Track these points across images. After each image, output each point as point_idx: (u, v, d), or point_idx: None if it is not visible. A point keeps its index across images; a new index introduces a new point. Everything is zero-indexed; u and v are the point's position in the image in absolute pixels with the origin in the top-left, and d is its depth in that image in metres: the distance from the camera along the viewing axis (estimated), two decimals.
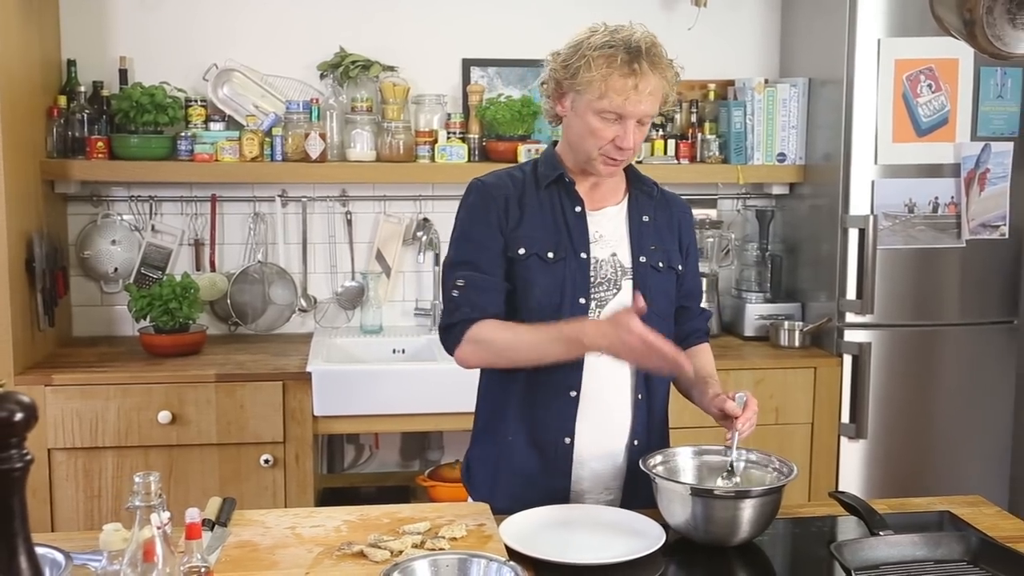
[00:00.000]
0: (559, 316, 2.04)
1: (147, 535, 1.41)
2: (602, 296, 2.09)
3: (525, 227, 2.08)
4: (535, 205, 2.10)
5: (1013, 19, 1.89)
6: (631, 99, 1.96)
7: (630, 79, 1.95)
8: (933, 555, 1.78)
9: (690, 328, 2.26)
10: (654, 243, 2.14)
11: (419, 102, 3.74)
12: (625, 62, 1.95)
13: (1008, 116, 3.51)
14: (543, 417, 2.08)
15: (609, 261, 2.10)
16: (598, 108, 1.99)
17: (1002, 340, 3.61)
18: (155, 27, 3.65)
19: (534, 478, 2.09)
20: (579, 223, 2.10)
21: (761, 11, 3.96)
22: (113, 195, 3.67)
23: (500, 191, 2.11)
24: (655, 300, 2.10)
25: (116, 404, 3.13)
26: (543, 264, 2.07)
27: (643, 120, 2.01)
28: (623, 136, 2.00)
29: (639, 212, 2.16)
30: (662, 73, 1.99)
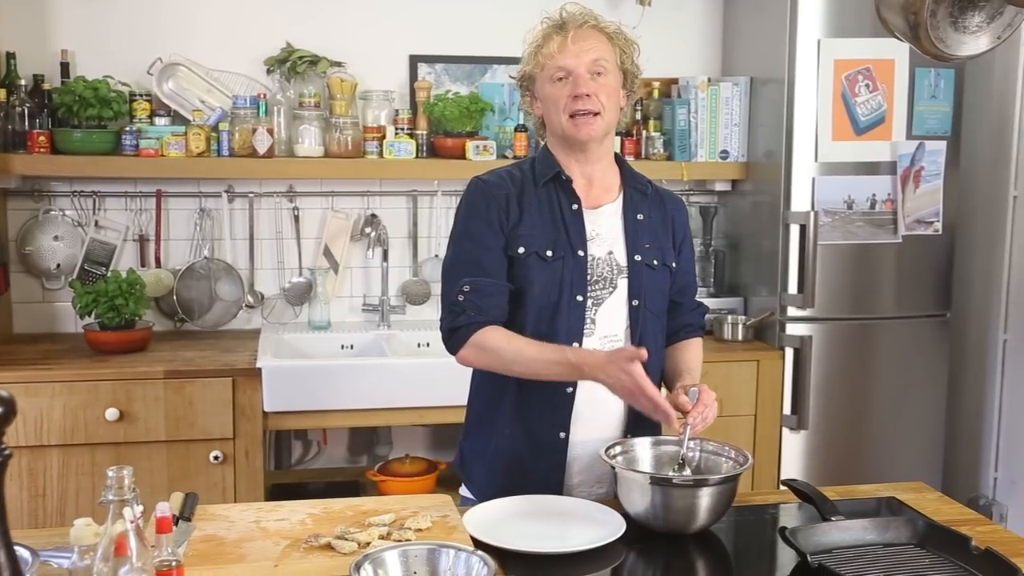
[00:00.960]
0: (557, 313, 2.09)
1: (119, 529, 1.42)
2: (598, 294, 2.13)
3: (524, 226, 2.11)
4: (534, 203, 2.13)
5: (955, 22, 1.95)
6: (568, 51, 2.05)
7: (558, 36, 2.08)
8: (882, 539, 1.85)
9: (682, 323, 2.30)
10: (648, 241, 2.18)
11: (367, 98, 3.74)
12: (553, 26, 2.10)
13: (941, 116, 3.62)
14: (539, 412, 2.12)
15: (605, 259, 2.14)
16: (548, 76, 2.09)
17: (935, 333, 3.72)
18: (97, 20, 3.61)
19: (528, 471, 2.12)
20: (576, 221, 2.13)
21: (704, 11, 4.03)
22: (55, 190, 3.61)
23: (501, 190, 2.13)
24: (649, 298, 2.16)
25: (62, 402, 3.10)
26: (542, 262, 2.10)
27: (596, 69, 2.07)
28: (576, 85, 2.05)
29: (634, 210, 2.19)
30: (596, 31, 2.09)
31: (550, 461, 2.13)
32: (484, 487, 2.14)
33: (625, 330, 2.15)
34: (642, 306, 2.15)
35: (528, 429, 2.13)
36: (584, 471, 2.14)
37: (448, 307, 2.11)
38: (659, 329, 2.22)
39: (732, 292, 3.92)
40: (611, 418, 2.15)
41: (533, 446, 2.13)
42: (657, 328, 2.20)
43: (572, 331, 2.10)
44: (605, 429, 2.14)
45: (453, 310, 2.09)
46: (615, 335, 2.15)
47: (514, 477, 2.10)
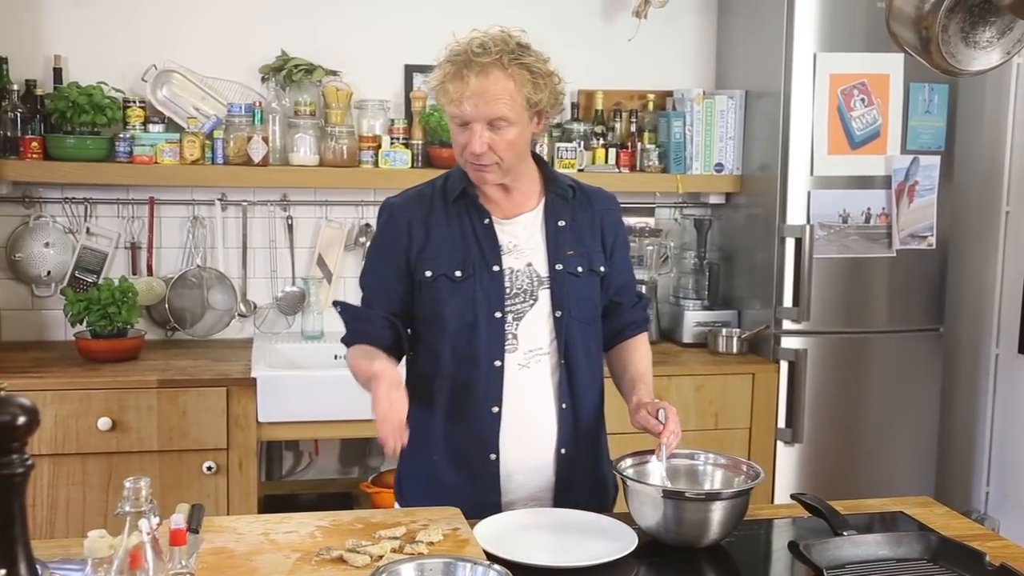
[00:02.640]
0: (475, 333, 2.05)
1: (135, 541, 1.39)
2: (519, 308, 2.08)
3: (431, 248, 2.07)
4: (442, 223, 2.09)
5: (966, 37, 1.97)
6: (464, 103, 1.95)
7: (454, 84, 1.96)
8: (895, 554, 1.84)
9: (624, 321, 2.26)
10: (572, 247, 2.12)
11: (362, 107, 3.72)
12: (456, 66, 1.97)
13: (935, 131, 3.64)
14: (467, 435, 2.08)
15: (525, 271, 2.09)
16: (448, 117, 2.03)
17: (928, 347, 3.73)
18: (91, 25, 3.57)
19: (464, 495, 2.05)
20: (489, 235, 2.08)
21: (699, 24, 4.03)
22: (46, 196, 3.57)
23: (405, 213, 2.10)
24: (574, 307, 2.10)
25: (53, 411, 3.05)
26: (451, 283, 2.06)
27: (494, 123, 1.97)
28: (470, 141, 1.97)
29: (554, 217, 2.13)
30: (500, 73, 1.95)
31: (483, 484, 2.07)
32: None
33: (550, 343, 2.09)
34: (566, 316, 2.09)
35: (458, 453, 2.09)
36: (520, 490, 2.09)
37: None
38: (590, 337, 2.15)
39: (726, 305, 3.92)
40: (541, 436, 2.10)
41: (465, 470, 2.09)
42: (588, 336, 2.14)
43: (493, 349, 2.06)
44: (538, 447, 2.10)
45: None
46: (540, 348, 2.09)
47: (451, 502, 2.02)
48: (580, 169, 3.75)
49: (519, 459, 2.08)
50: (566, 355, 2.10)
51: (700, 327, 3.81)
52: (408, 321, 2.15)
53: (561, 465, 2.10)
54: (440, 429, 2.10)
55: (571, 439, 2.12)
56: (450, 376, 2.08)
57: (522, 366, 2.08)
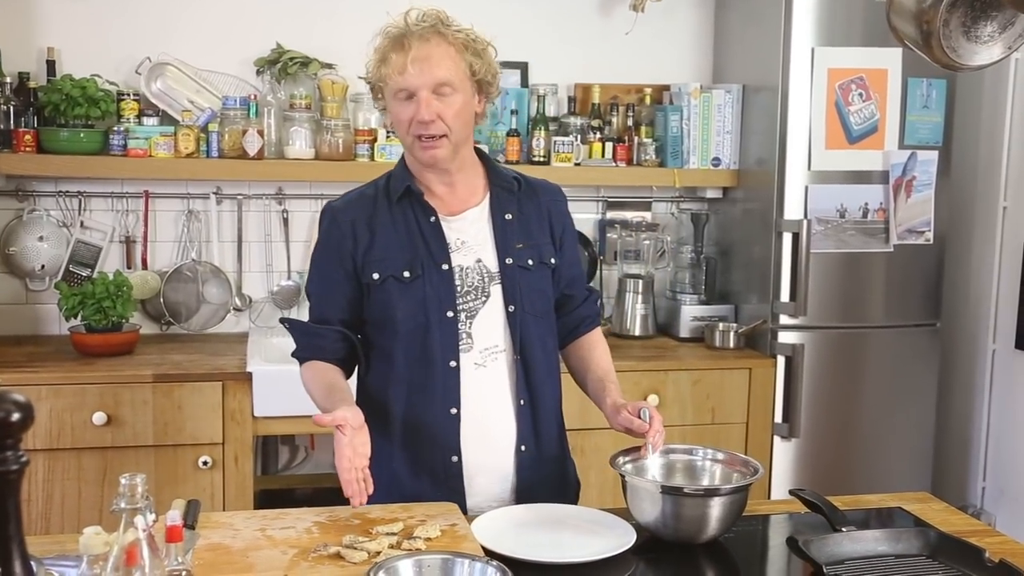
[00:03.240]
0: (428, 334, 2.02)
1: (131, 538, 1.38)
2: (471, 306, 2.05)
3: (377, 249, 2.04)
4: (387, 223, 2.05)
5: (967, 32, 1.95)
6: (408, 72, 1.93)
7: (397, 52, 1.94)
8: (894, 550, 1.84)
9: (579, 316, 2.23)
10: (520, 240, 2.10)
11: (358, 100, 3.70)
12: (394, 40, 1.96)
13: (933, 126, 3.63)
14: (427, 439, 2.04)
15: (475, 268, 2.06)
16: (391, 93, 1.98)
17: (925, 342, 3.73)
18: (84, 17, 3.55)
19: (426, 499, 2.01)
20: (435, 233, 2.05)
21: (696, 17, 4.02)
22: (40, 190, 3.55)
23: (348, 215, 2.07)
24: (527, 301, 2.08)
25: (47, 405, 3.04)
26: (400, 284, 2.03)
27: (439, 90, 1.96)
28: (418, 110, 1.95)
29: (501, 211, 2.10)
30: (440, 40, 1.96)
31: (446, 488, 2.04)
32: None
33: (505, 339, 2.07)
34: (519, 311, 2.07)
35: (418, 458, 2.06)
36: (482, 492, 2.07)
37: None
38: (545, 331, 2.13)
39: (723, 300, 3.91)
40: (501, 437, 2.07)
41: (426, 475, 2.05)
42: (543, 330, 2.12)
43: (446, 349, 2.03)
44: (498, 447, 2.07)
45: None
46: (495, 345, 2.07)
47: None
48: (577, 163, 3.74)
49: (480, 459, 2.06)
50: (522, 350, 2.07)
51: (697, 321, 3.80)
52: (359, 327, 2.11)
53: (521, 462, 2.07)
54: (398, 436, 2.06)
55: (530, 435, 2.09)
56: (405, 380, 2.04)
57: (478, 365, 2.05)
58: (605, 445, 2.03)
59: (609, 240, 3.94)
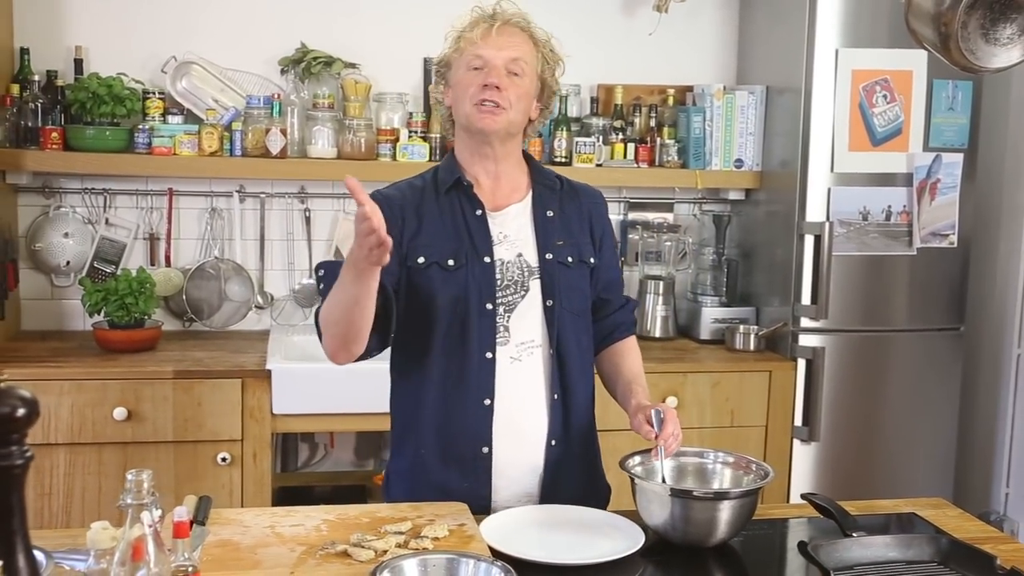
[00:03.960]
0: (467, 323, 2.03)
1: (137, 533, 1.40)
2: (510, 300, 2.06)
3: (424, 236, 2.06)
4: (434, 212, 2.08)
5: (986, 34, 1.93)
6: (490, 41, 2.02)
7: (484, 24, 2.04)
8: (905, 556, 1.83)
9: (613, 323, 2.24)
10: (561, 238, 2.12)
11: (381, 100, 3.72)
12: (480, 20, 2.06)
13: (958, 128, 3.60)
14: (459, 428, 2.05)
15: (515, 262, 2.08)
16: (465, 62, 2.04)
17: (949, 346, 3.70)
18: (112, 17, 3.59)
19: (452, 491, 2.03)
20: (480, 226, 2.07)
21: (720, 18, 4.00)
22: (66, 187, 3.59)
23: (397, 201, 2.08)
24: (565, 297, 2.09)
25: (70, 400, 3.07)
26: (444, 272, 2.04)
27: (513, 68, 2.02)
28: (489, 75, 2.01)
29: (543, 207, 2.13)
30: (522, 31, 2.07)
31: (474, 479, 2.05)
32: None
33: (542, 334, 2.08)
34: (558, 306, 2.08)
35: (448, 447, 2.06)
36: (510, 486, 2.07)
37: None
38: (582, 328, 2.14)
39: (744, 302, 3.89)
40: (533, 430, 2.08)
41: (455, 465, 2.06)
42: (580, 328, 2.13)
43: (484, 341, 2.04)
44: (529, 440, 2.08)
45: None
46: (532, 340, 2.08)
47: (437, 497, 2.00)
48: (599, 164, 3.74)
49: (510, 452, 2.06)
50: (558, 345, 2.08)
51: (718, 324, 3.79)
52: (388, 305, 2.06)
53: (550, 458, 2.08)
54: (431, 423, 2.07)
55: (562, 431, 2.10)
56: (440, 369, 2.05)
57: (514, 359, 2.06)
58: (623, 447, 2.03)
59: (630, 241, 3.93)
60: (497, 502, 2.06)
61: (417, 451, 2.08)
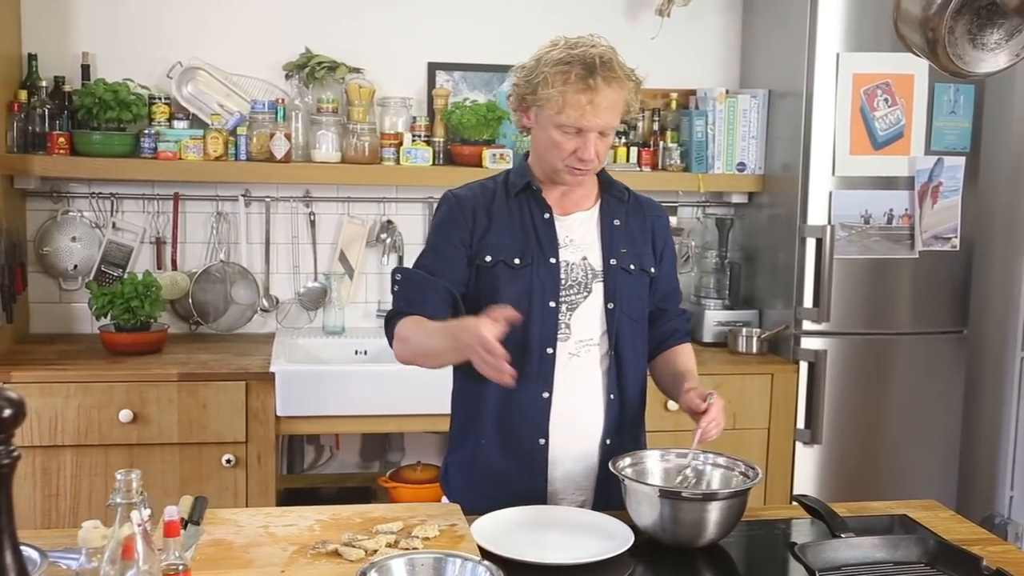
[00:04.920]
0: (529, 319, 2.08)
1: (127, 532, 1.42)
2: (572, 299, 2.13)
3: (492, 235, 2.12)
4: (504, 213, 2.14)
5: (974, 39, 1.95)
6: (587, 114, 2.00)
7: (585, 95, 1.99)
8: (892, 557, 1.84)
9: (669, 329, 2.30)
10: (625, 246, 2.18)
11: (384, 104, 3.75)
12: (580, 77, 1.99)
13: (960, 132, 3.60)
14: (517, 420, 2.11)
15: (580, 265, 2.14)
16: (557, 123, 2.03)
17: (952, 349, 3.70)
18: (118, 23, 3.63)
19: (509, 480, 2.11)
20: (548, 229, 2.14)
21: (723, 22, 4.02)
22: (73, 191, 3.64)
23: (469, 203, 2.15)
24: (626, 302, 2.15)
25: (76, 402, 3.11)
26: (510, 270, 2.11)
27: (604, 131, 2.05)
28: (583, 148, 2.03)
29: (610, 216, 2.19)
30: (620, 85, 2.03)
31: (531, 469, 2.12)
32: (466, 499, 2.10)
33: (601, 334, 2.15)
34: (618, 309, 2.14)
35: (507, 438, 2.13)
36: (565, 478, 2.14)
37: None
38: (638, 334, 2.20)
39: (747, 305, 3.91)
40: (590, 424, 2.14)
41: (513, 455, 2.13)
42: (636, 333, 2.19)
43: (545, 337, 2.10)
44: (585, 435, 2.14)
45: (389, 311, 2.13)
46: (590, 339, 2.14)
47: (495, 487, 2.09)
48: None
49: (566, 446, 2.12)
50: (616, 347, 2.15)
51: (721, 327, 3.80)
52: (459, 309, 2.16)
53: (605, 456, 2.12)
54: (491, 414, 2.13)
55: (615, 431, 2.16)
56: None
57: (573, 355, 2.13)
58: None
59: None
60: (552, 494, 2.13)
61: (478, 442, 2.15)
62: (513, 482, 2.11)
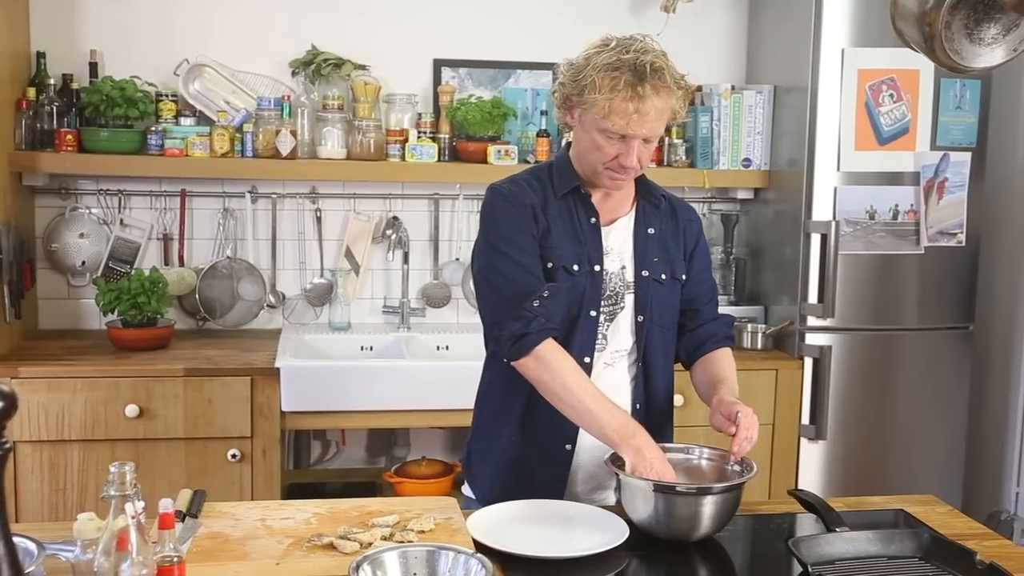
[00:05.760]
0: (574, 328, 2.08)
1: (121, 524, 1.44)
2: (611, 310, 2.12)
3: (553, 238, 2.09)
4: (556, 215, 2.11)
5: (970, 34, 1.95)
6: (633, 122, 1.96)
7: (632, 103, 1.94)
8: (887, 551, 1.84)
9: (705, 333, 2.25)
10: (658, 255, 2.16)
11: (390, 101, 3.76)
12: (628, 85, 1.94)
13: (966, 127, 3.59)
14: (546, 424, 2.10)
15: (618, 274, 2.13)
16: (602, 127, 1.99)
17: (958, 345, 3.69)
18: (126, 21, 3.65)
19: (532, 477, 2.13)
20: (594, 235, 2.12)
21: (728, 19, 4.02)
22: (81, 188, 3.66)
23: (527, 199, 2.10)
24: (656, 313, 2.15)
25: (83, 397, 3.14)
26: (568, 276, 2.08)
27: (649, 139, 2.02)
28: (626, 154, 2.00)
29: (645, 224, 2.18)
30: (668, 94, 1.98)
31: (555, 471, 2.13)
32: (487, 489, 2.15)
33: (632, 345, 2.15)
34: (648, 321, 2.14)
35: (535, 438, 2.14)
36: (588, 480, 2.15)
37: (516, 313, 2.01)
38: (669, 342, 2.21)
39: (753, 300, 3.91)
40: None
41: (539, 455, 2.14)
42: (667, 341, 2.19)
43: (585, 346, 2.10)
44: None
45: (523, 316, 2.00)
46: (624, 349, 2.15)
47: (518, 481, 2.11)
48: None
49: (591, 453, 2.11)
50: (644, 358, 2.15)
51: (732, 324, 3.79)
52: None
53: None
54: (520, 415, 2.14)
55: None
56: None
57: (608, 365, 2.13)
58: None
59: None
60: (573, 494, 2.14)
61: (503, 437, 2.16)
62: (534, 479, 2.12)
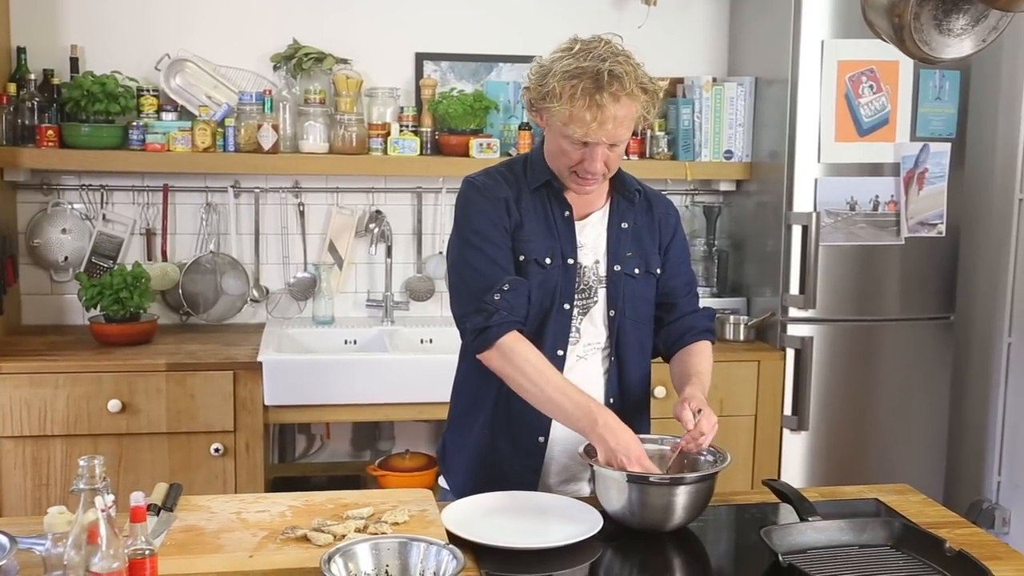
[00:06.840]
0: (546, 321, 2.09)
1: (91, 518, 1.45)
2: (585, 303, 2.13)
3: (525, 231, 2.09)
4: (529, 208, 2.11)
5: (939, 25, 1.96)
6: (592, 130, 1.95)
7: (590, 112, 1.93)
8: (858, 540, 1.86)
9: (684, 326, 2.25)
10: (631, 249, 2.16)
11: (372, 95, 3.76)
12: (587, 93, 1.92)
13: (946, 118, 3.61)
14: (518, 416, 2.11)
15: (592, 268, 2.14)
16: (564, 133, 1.99)
17: (939, 335, 3.71)
18: (107, 16, 3.65)
19: (506, 469, 2.13)
20: (568, 229, 2.12)
21: (709, 11, 4.03)
22: (63, 184, 3.66)
23: (500, 192, 2.10)
24: (629, 307, 2.15)
25: (65, 392, 3.14)
26: (540, 269, 2.09)
27: (615, 144, 2.00)
28: (591, 160, 2.00)
29: (619, 218, 2.17)
30: (630, 99, 1.95)
31: (528, 463, 2.14)
32: (462, 481, 2.16)
33: (606, 339, 2.16)
34: (620, 316, 2.14)
35: (507, 431, 2.14)
36: (561, 472, 2.16)
37: (478, 307, 2.03)
38: (645, 336, 2.21)
39: (735, 292, 3.92)
40: None
41: (511, 447, 2.14)
42: (642, 335, 2.20)
43: (558, 339, 2.11)
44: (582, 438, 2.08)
45: (485, 309, 2.02)
46: (598, 343, 2.16)
47: (492, 474, 2.12)
48: None
49: (565, 444, 2.12)
50: (617, 352, 2.15)
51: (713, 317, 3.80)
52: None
53: None
54: (493, 407, 2.15)
55: None
56: None
57: (580, 358, 2.14)
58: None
59: None
60: (547, 487, 2.14)
61: (482, 429, 2.16)
62: (509, 470, 2.12)
